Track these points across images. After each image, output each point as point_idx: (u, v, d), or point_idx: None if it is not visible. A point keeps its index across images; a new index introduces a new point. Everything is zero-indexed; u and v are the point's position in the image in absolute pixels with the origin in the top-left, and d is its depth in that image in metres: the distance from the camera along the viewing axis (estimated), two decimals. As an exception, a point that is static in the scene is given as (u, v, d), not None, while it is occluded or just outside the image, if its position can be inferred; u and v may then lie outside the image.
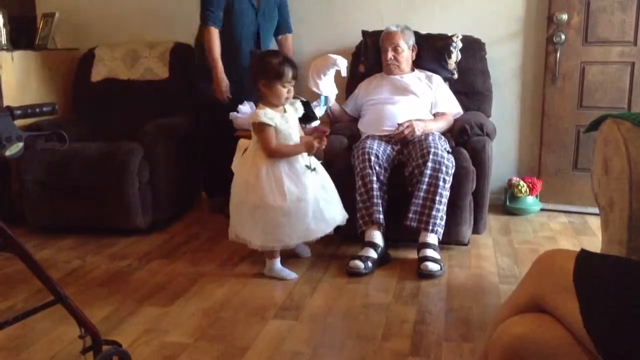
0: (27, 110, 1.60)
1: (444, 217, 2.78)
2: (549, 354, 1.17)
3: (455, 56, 3.41)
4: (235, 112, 3.21)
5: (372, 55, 3.45)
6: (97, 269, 2.85)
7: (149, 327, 2.23)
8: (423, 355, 2.02)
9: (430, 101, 3.22)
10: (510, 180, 3.64)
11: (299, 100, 2.76)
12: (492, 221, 3.46)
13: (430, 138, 2.88)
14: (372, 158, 2.80)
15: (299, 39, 3.77)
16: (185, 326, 2.24)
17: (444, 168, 2.75)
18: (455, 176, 2.81)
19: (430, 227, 2.74)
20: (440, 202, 2.75)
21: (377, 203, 2.78)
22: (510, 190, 3.63)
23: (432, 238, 2.77)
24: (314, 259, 2.88)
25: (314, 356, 2.02)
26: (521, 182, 3.57)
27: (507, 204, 3.63)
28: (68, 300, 1.67)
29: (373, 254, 2.74)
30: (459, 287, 2.58)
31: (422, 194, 2.75)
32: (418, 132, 2.96)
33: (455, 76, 3.42)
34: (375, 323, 2.24)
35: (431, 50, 3.41)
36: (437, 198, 2.74)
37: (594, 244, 2.98)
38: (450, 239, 2.91)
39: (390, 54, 3.25)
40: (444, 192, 2.76)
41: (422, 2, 3.72)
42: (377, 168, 2.81)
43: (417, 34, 3.42)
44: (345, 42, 3.75)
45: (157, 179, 3.33)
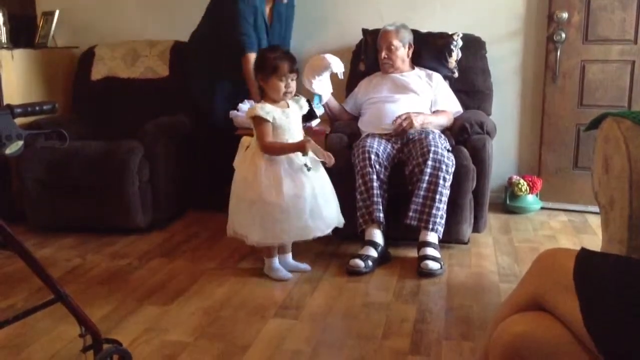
0: (27, 109, 1.60)
1: (444, 215, 2.78)
2: (549, 353, 1.17)
3: (456, 55, 3.41)
4: (235, 111, 3.21)
5: (372, 54, 3.45)
6: (97, 267, 2.85)
7: (149, 325, 2.23)
8: (423, 354, 2.02)
9: (431, 99, 3.21)
10: (510, 178, 3.64)
11: (304, 98, 2.74)
12: (492, 220, 3.46)
13: (431, 137, 2.88)
14: (372, 157, 2.80)
15: (299, 37, 3.77)
16: (185, 325, 2.24)
17: (444, 166, 2.75)
18: (456, 175, 2.81)
19: (431, 226, 2.74)
20: (440, 200, 2.75)
21: (377, 201, 2.78)
22: (510, 189, 3.63)
23: (432, 237, 2.77)
24: (314, 258, 2.88)
25: (314, 355, 2.02)
26: (521, 181, 3.57)
27: (508, 202, 3.63)
28: (68, 299, 1.67)
29: (373, 252, 2.74)
30: (459, 285, 2.58)
31: (422, 192, 2.75)
32: (417, 124, 2.96)
33: (456, 75, 3.42)
34: (376, 322, 2.24)
35: (432, 49, 3.41)
36: (437, 196, 2.74)
37: (594, 242, 2.98)
38: (450, 237, 2.91)
39: (384, 53, 3.25)
40: (444, 191, 2.76)
41: (422, 1, 3.72)
42: (377, 166, 2.81)
43: (417, 32, 3.42)
44: (345, 41, 3.74)
45: (157, 178, 3.33)
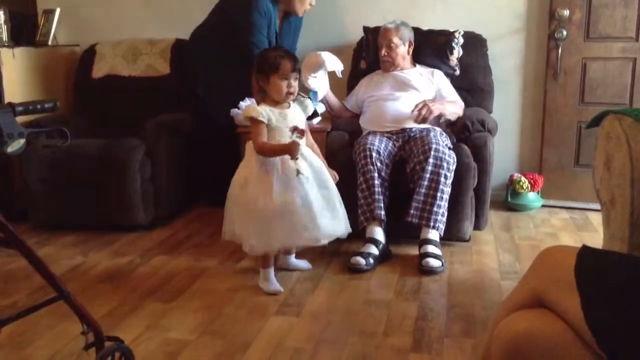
0: (28, 107, 1.60)
1: (445, 213, 2.78)
2: (550, 350, 1.17)
3: (457, 52, 3.41)
4: (236, 109, 3.21)
5: (373, 52, 3.45)
6: (99, 265, 2.85)
7: (151, 323, 2.24)
8: (424, 351, 2.02)
9: (432, 96, 3.21)
10: (511, 176, 3.64)
11: (309, 99, 2.67)
12: (494, 217, 3.46)
13: (432, 134, 2.88)
14: (374, 154, 2.80)
15: (300, 35, 3.76)
16: (187, 322, 2.24)
17: (445, 164, 2.75)
18: (457, 172, 2.81)
19: (432, 224, 2.75)
20: (441, 198, 2.75)
21: (379, 199, 2.78)
22: (511, 187, 3.63)
23: (434, 234, 2.77)
24: (315, 255, 2.88)
25: (315, 352, 2.02)
26: (522, 178, 3.57)
27: (509, 200, 3.63)
28: (70, 297, 1.67)
29: (374, 250, 2.75)
30: (460, 283, 2.58)
31: (423, 190, 2.75)
32: (436, 111, 3.02)
33: (457, 72, 3.42)
34: (377, 319, 2.25)
35: (433, 47, 3.41)
36: (439, 194, 2.74)
37: (596, 240, 2.98)
38: (451, 235, 2.91)
39: (384, 51, 3.25)
40: (445, 189, 2.76)
41: (423, -2, 3.72)
42: (379, 164, 2.81)
43: (418, 30, 3.42)
44: (346, 38, 3.75)
45: (158, 175, 3.34)
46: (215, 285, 2.59)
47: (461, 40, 3.42)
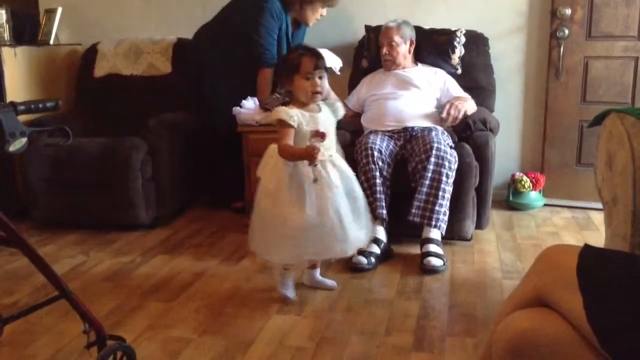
0: (30, 106, 1.60)
1: (447, 212, 2.78)
2: (552, 349, 1.17)
3: (459, 51, 3.41)
4: (238, 108, 3.21)
5: (374, 50, 3.44)
6: (100, 264, 2.86)
7: (152, 322, 2.24)
8: (426, 350, 2.02)
9: (435, 95, 3.21)
10: (513, 175, 3.64)
11: (339, 102, 2.56)
12: (495, 216, 3.46)
13: (434, 133, 2.88)
14: (375, 153, 2.80)
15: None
16: (189, 321, 2.24)
17: (446, 163, 2.75)
18: (458, 171, 2.81)
19: (433, 223, 2.74)
20: (443, 197, 2.75)
21: (380, 198, 2.78)
22: (513, 186, 3.62)
23: (435, 233, 2.77)
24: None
25: (317, 351, 2.02)
26: (524, 177, 3.57)
27: (510, 199, 3.63)
28: (72, 296, 1.68)
29: (376, 249, 2.75)
30: (462, 282, 2.58)
31: (425, 189, 2.75)
32: (463, 109, 3.03)
33: (459, 71, 3.41)
34: (379, 318, 2.25)
35: (435, 46, 3.41)
36: (440, 193, 2.74)
37: (598, 239, 2.98)
38: (453, 234, 2.91)
39: (385, 49, 3.25)
40: (447, 188, 2.76)
41: (425, -3, 3.72)
42: (380, 163, 2.81)
43: (420, 29, 3.42)
44: (348, 37, 3.75)
45: (160, 175, 3.34)
46: (216, 284, 2.59)
47: (463, 39, 3.42)
